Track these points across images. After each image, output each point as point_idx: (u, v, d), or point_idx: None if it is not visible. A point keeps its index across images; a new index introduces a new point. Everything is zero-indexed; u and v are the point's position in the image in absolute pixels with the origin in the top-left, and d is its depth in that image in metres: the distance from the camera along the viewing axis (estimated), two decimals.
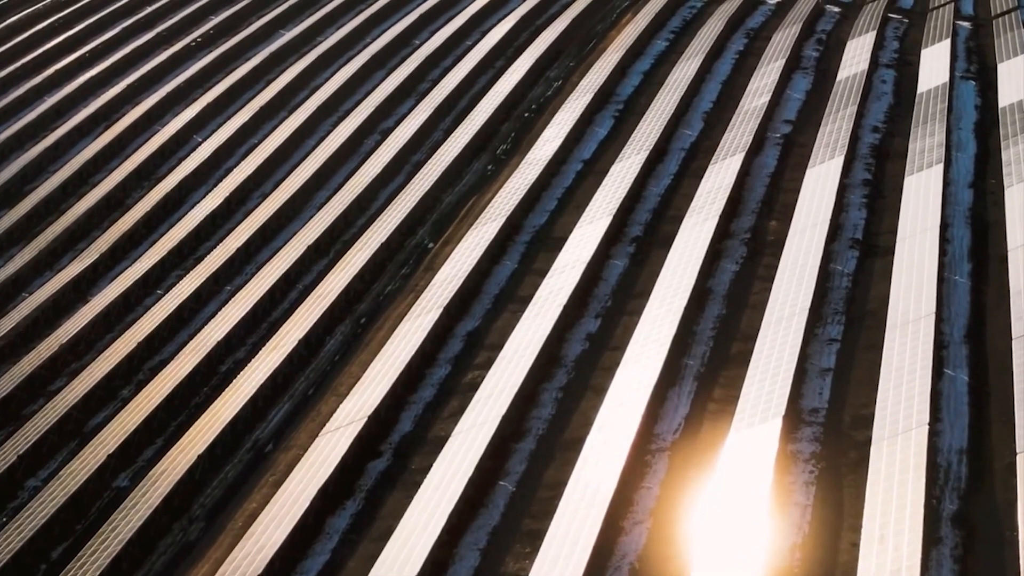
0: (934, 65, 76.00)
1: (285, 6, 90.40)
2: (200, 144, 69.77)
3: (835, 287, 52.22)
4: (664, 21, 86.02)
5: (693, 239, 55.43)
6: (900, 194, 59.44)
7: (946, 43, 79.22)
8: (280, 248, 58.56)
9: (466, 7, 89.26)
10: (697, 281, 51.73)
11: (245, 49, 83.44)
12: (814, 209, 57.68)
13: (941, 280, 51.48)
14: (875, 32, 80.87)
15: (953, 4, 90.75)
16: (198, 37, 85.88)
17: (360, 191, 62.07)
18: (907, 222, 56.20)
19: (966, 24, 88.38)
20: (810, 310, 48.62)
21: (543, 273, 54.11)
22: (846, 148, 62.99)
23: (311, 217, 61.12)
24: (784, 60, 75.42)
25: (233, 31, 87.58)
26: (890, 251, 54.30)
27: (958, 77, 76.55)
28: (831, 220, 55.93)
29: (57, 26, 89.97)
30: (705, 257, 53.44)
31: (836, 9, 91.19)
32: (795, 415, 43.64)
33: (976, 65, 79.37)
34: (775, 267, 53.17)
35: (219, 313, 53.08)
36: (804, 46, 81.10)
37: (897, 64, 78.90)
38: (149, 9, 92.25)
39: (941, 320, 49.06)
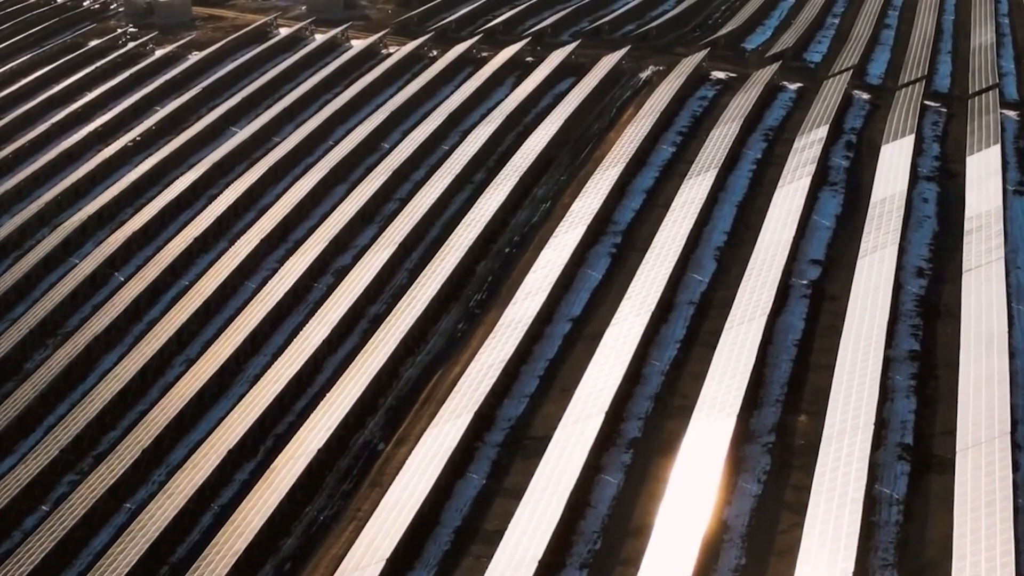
0: (983, 181, 65.35)
1: (239, 97, 79.54)
2: (121, 285, 59.01)
3: (883, 523, 41.74)
4: (671, 118, 75.24)
5: (704, 446, 44.66)
6: (956, 371, 48.80)
7: (995, 150, 68.60)
8: (198, 443, 47.80)
9: (443, 100, 78.33)
10: (711, 515, 41.08)
11: (188, 153, 72.67)
12: (853, 399, 46.94)
13: (1017, 513, 40.76)
14: (913, 136, 70.10)
15: (996, 90, 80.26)
16: (138, 135, 75.13)
17: (303, 361, 51.28)
18: (968, 421, 45.50)
19: (1013, 115, 78.12)
20: (854, 572, 37.97)
21: (518, 494, 43.30)
22: (888, 306, 52.28)
23: (241, 396, 50.36)
24: (810, 177, 64.63)
25: (178, 127, 76.91)
26: (949, 465, 43.68)
27: (1011, 192, 66.09)
28: (875, 417, 45.19)
29: None
30: (720, 476, 42.77)
31: (865, 96, 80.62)
32: None
33: None
34: (807, 489, 42.51)
35: (105, 556, 42.25)
36: (832, 152, 70.44)
37: (939, 176, 68.42)
38: (89, 96, 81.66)
39: None
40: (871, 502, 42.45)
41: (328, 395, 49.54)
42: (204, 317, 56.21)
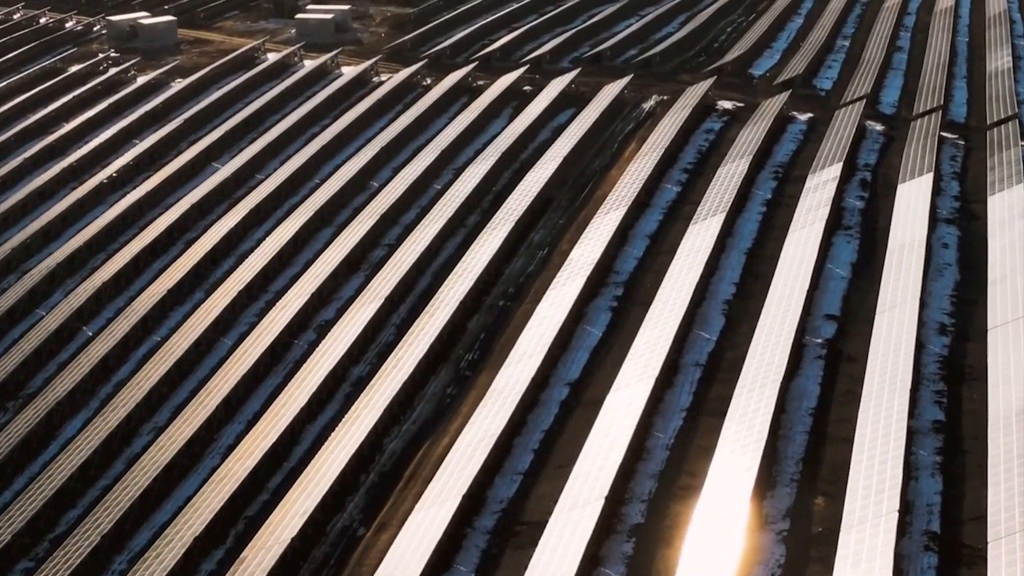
0: (1006, 224, 61.59)
1: (222, 130, 75.80)
2: (89, 341, 55.33)
3: None
4: (675, 154, 71.44)
5: (712, 535, 40.86)
6: (984, 445, 44.98)
7: (1018, 189, 64.88)
8: (164, 526, 44.07)
9: (437, 134, 74.53)
10: None
11: (165, 192, 68.96)
12: (875, 480, 43.07)
13: None
14: (931, 174, 66.33)
15: (1016, 120, 76.59)
16: (114, 172, 71.43)
17: (279, 432, 47.54)
18: (1000, 506, 41.60)
19: None
20: None
21: None
22: (911, 371, 48.42)
23: (212, 470, 46.62)
24: (823, 221, 60.81)
25: (157, 162, 73.22)
26: (981, 556, 39.81)
27: None
28: (900, 501, 41.37)
29: None
30: (730, 571, 39.00)
31: (879, 127, 76.90)
32: None
33: None
34: None
35: None
36: (846, 192, 66.64)
37: (960, 218, 64.65)
38: (66, 128, 77.94)
39: None
40: None
41: (305, 472, 45.76)
42: (176, 378, 52.49)
